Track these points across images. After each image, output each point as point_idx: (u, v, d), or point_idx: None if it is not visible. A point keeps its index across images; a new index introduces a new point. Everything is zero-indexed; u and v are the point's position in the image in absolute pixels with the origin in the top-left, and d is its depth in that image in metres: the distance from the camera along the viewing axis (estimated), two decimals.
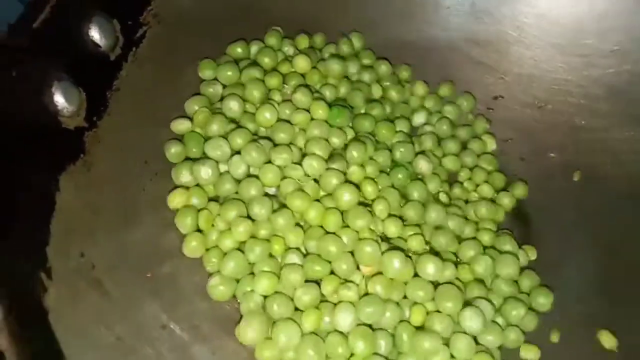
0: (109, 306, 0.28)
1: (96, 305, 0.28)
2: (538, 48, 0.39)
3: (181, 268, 0.32)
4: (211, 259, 0.31)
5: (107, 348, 0.27)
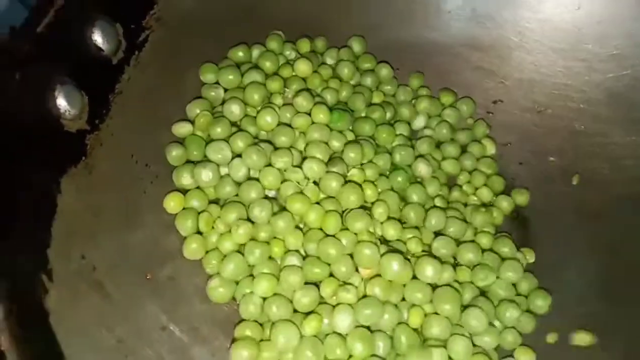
0: (110, 308, 0.28)
1: (97, 306, 0.28)
2: (539, 53, 0.39)
3: (181, 270, 0.32)
4: (211, 261, 0.32)
5: (108, 349, 0.28)
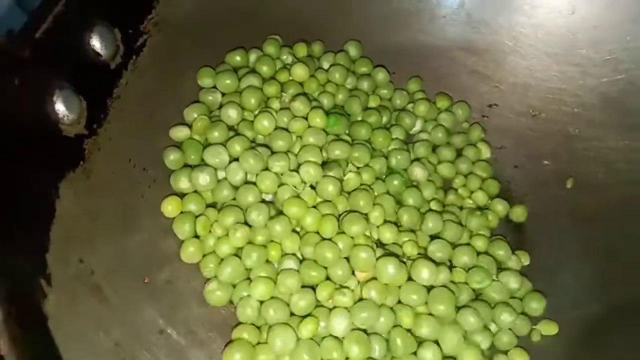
0: (108, 311, 0.29)
1: (95, 310, 0.28)
2: (534, 57, 0.40)
3: (179, 273, 0.32)
4: (208, 265, 0.32)
5: (106, 353, 0.28)
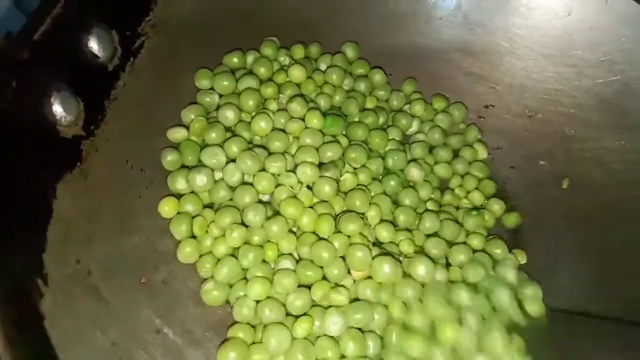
0: (105, 311, 0.29)
1: (92, 310, 0.28)
2: (530, 59, 0.40)
3: (175, 274, 0.32)
4: (205, 265, 0.32)
5: (102, 352, 0.28)
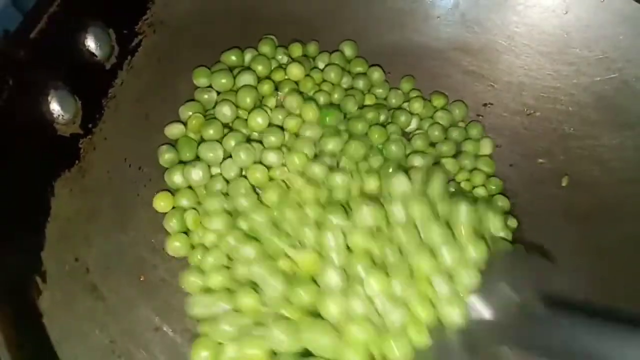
0: (103, 309, 0.29)
1: (90, 308, 0.28)
2: (528, 57, 0.40)
3: (174, 272, 0.32)
4: (196, 257, 0.32)
5: (101, 350, 0.28)
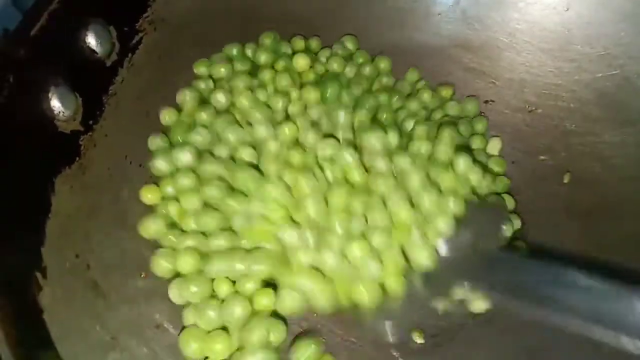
0: (104, 306, 0.29)
1: (91, 305, 0.28)
2: (529, 54, 0.40)
3: None
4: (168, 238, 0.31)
5: (102, 347, 0.28)
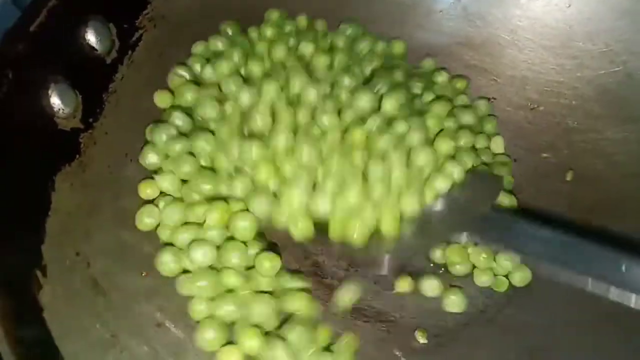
0: (104, 304, 0.29)
1: (91, 303, 0.28)
2: (531, 51, 0.40)
3: None
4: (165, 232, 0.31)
5: (102, 345, 0.28)
